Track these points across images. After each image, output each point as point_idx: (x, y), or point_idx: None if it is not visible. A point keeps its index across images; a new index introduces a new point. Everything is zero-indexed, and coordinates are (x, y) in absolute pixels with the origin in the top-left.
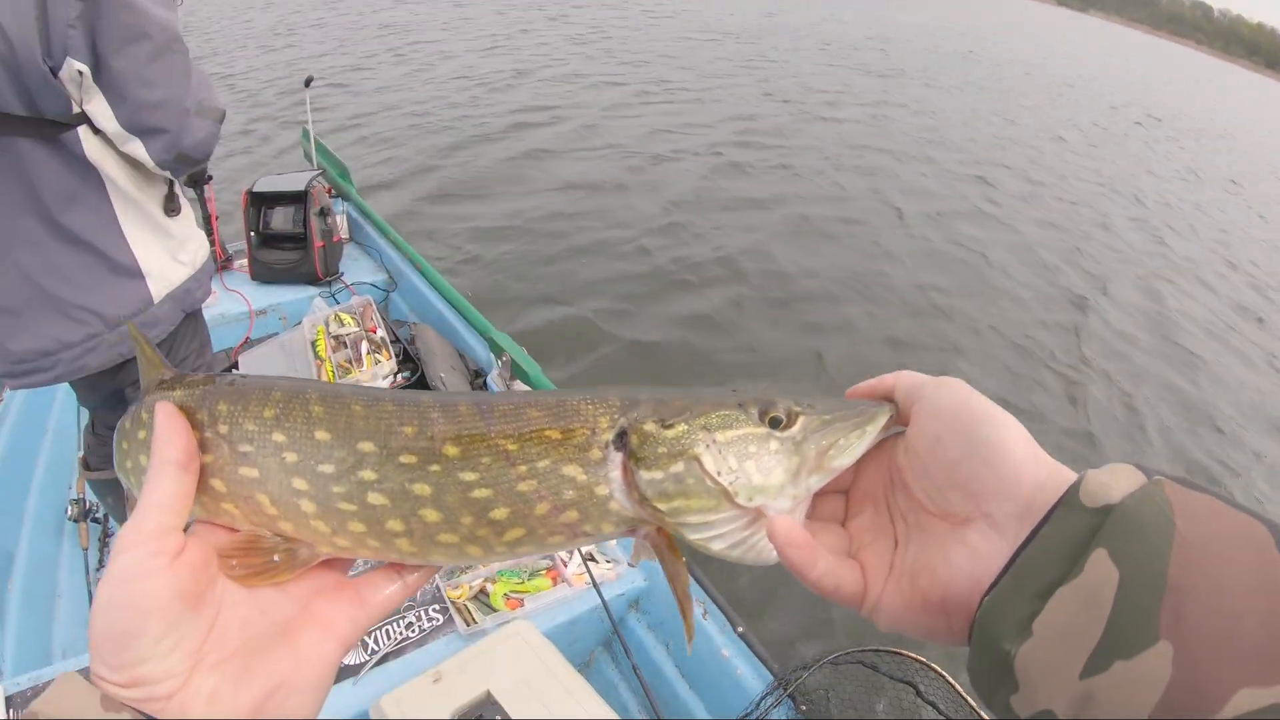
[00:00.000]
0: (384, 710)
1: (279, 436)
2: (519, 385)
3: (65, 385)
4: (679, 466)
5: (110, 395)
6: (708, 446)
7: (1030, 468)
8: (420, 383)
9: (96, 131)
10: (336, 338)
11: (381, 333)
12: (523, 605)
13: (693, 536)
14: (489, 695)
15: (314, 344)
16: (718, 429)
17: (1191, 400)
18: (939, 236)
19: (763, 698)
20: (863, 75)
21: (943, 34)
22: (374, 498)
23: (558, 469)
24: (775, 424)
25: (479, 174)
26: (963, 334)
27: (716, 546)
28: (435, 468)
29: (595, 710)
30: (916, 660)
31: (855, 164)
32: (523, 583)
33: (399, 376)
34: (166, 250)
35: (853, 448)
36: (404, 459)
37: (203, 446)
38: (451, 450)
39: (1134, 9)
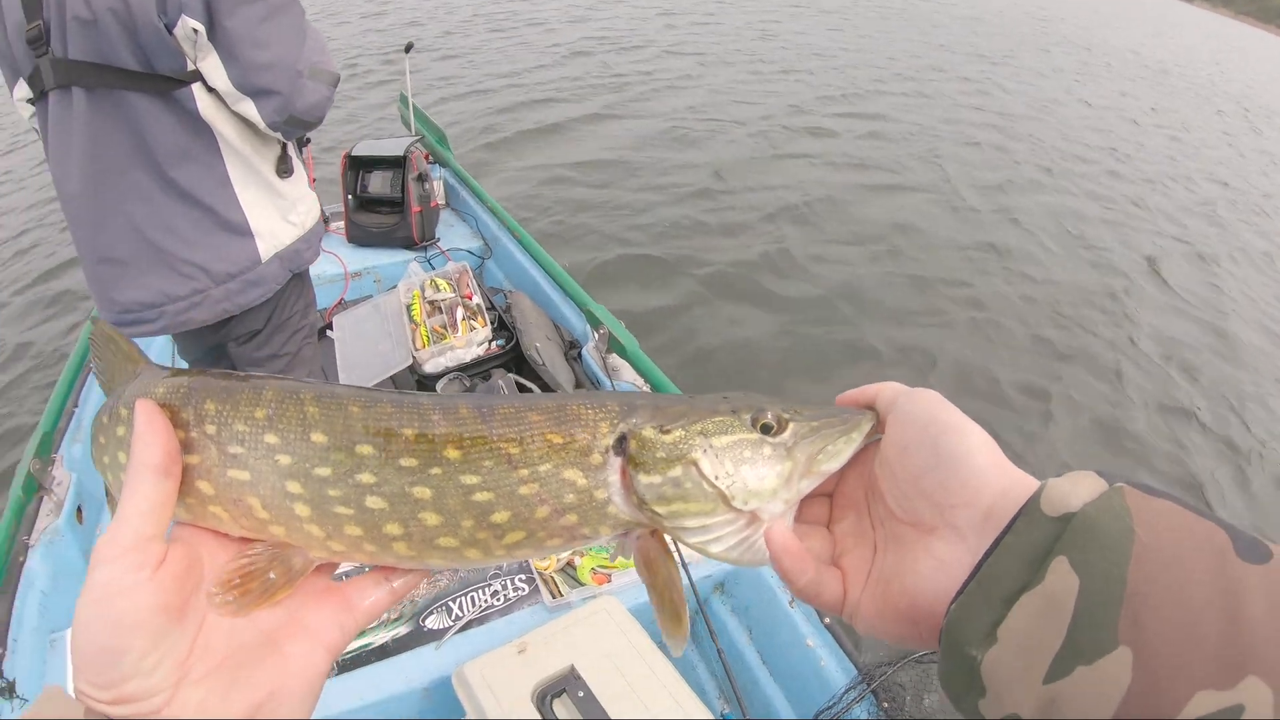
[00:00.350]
0: (466, 677)
1: (272, 438)
2: (615, 359)
3: (162, 337)
4: (677, 471)
5: (212, 349)
6: (704, 451)
7: (994, 477)
8: (515, 351)
9: (210, 90)
10: (432, 303)
11: (477, 299)
12: (609, 581)
13: (691, 540)
14: (573, 669)
15: (409, 308)
16: (714, 434)
17: (1232, 381)
18: (995, 209)
19: (845, 692)
20: (946, 53)
21: (1035, 18)
22: (372, 501)
23: (559, 473)
24: (766, 430)
25: (563, 130)
26: (1008, 310)
27: (714, 549)
28: (436, 471)
29: (677, 690)
30: None
31: (927, 137)
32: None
33: (494, 344)
34: (277, 210)
35: (840, 453)
36: (404, 462)
37: (188, 447)
38: (453, 453)
39: (1242, 1)
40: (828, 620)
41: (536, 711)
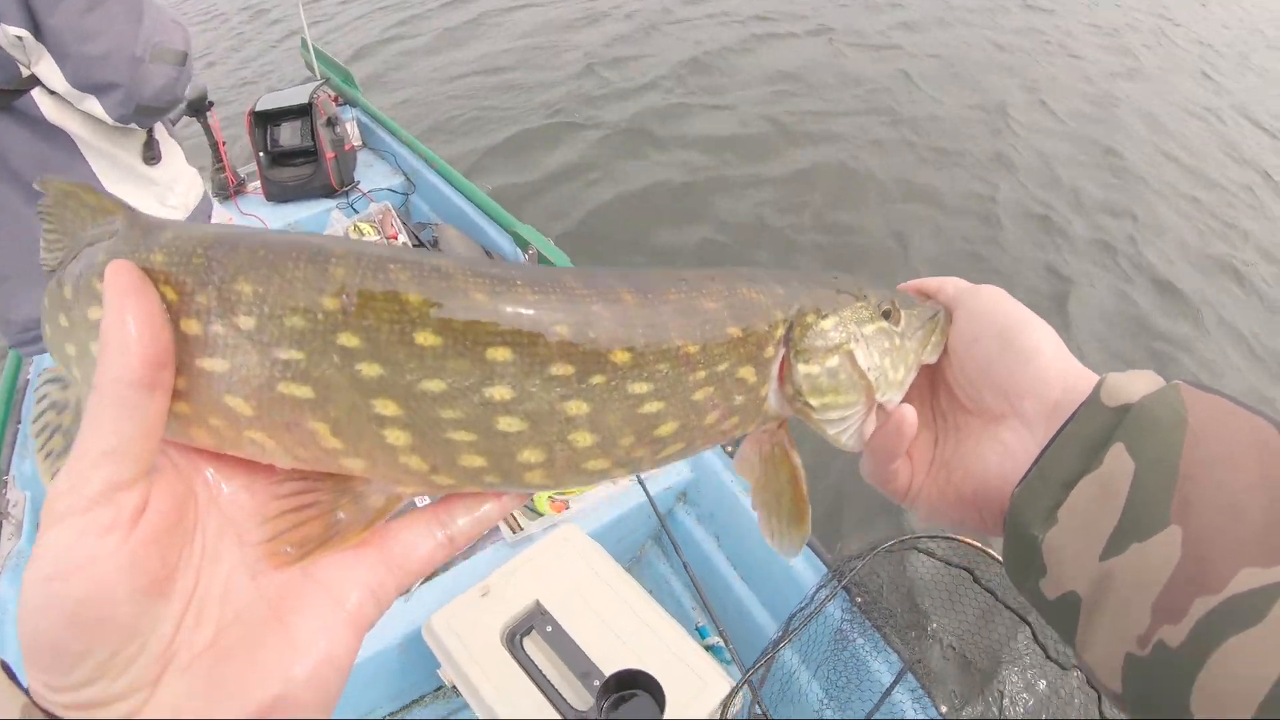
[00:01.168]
0: (435, 629)
1: (349, 339)
2: None
3: None
4: (834, 361)
5: None
6: (857, 341)
7: (1060, 370)
8: None
9: (51, 92)
10: None
11: (403, 238)
12: (568, 508)
13: (830, 430)
14: (538, 605)
15: None
16: (862, 323)
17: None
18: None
19: (817, 589)
20: None
21: None
22: (507, 423)
23: (734, 371)
24: (886, 317)
25: (463, 30)
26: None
27: (843, 438)
28: (598, 379)
29: (644, 610)
30: (973, 545)
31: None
32: None
33: None
34: (154, 197)
35: (939, 345)
36: (556, 369)
37: (210, 347)
38: (622, 356)
39: None
40: None
41: (508, 653)
